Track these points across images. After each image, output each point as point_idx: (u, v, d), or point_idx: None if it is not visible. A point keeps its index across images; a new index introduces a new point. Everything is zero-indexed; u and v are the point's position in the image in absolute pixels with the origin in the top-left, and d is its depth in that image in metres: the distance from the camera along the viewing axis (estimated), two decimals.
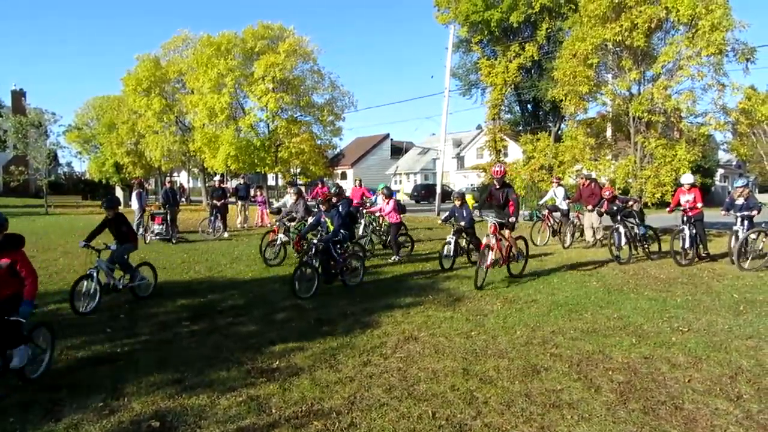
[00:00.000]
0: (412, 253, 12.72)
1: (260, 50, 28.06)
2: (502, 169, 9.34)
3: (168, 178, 20.36)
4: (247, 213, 19.61)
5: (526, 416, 4.06)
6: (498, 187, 9.39)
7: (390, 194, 13.30)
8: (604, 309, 7.29)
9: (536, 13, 25.62)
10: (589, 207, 13.72)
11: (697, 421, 3.97)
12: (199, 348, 5.69)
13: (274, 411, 4.17)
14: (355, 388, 4.59)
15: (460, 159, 60.20)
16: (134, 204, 16.29)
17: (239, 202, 19.57)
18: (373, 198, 16.24)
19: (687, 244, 11.13)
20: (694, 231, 11.21)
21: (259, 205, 20.81)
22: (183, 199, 47.85)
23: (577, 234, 14.59)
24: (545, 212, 15.02)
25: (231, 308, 7.46)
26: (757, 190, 61.32)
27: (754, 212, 10.75)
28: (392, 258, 11.59)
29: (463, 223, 10.80)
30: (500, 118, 32.27)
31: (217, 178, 19.54)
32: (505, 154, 34.83)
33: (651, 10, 14.34)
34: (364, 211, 15.94)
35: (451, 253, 10.67)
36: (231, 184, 37.82)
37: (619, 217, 11.76)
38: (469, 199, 24.42)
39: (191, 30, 34.20)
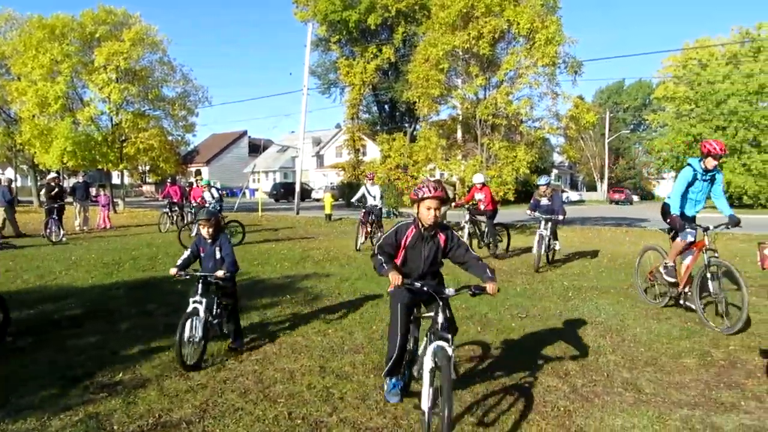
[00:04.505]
0: (270, 255, 12.50)
1: (101, 36, 25.84)
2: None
3: (3, 175, 17.99)
4: (87, 214, 17.95)
5: (380, 408, 4.16)
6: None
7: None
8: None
9: (393, 17, 26.52)
10: None
11: (533, 398, 4.35)
12: (28, 366, 5.09)
13: (116, 427, 3.86)
14: (208, 395, 4.40)
15: (319, 157, 60.41)
16: None
17: (77, 203, 17.82)
18: (204, 194, 14.85)
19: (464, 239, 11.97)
20: (485, 228, 11.96)
21: (102, 206, 19.19)
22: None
23: None
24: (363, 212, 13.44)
25: (66, 319, 6.77)
26: (585, 189, 68.74)
27: (560, 217, 10.43)
28: None
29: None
30: (359, 117, 32.97)
31: (52, 175, 17.68)
32: (364, 153, 35.57)
33: (495, 21, 15.48)
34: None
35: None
36: (68, 182, 34.49)
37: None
38: (328, 197, 24.63)
39: (17, 9, 30.63)
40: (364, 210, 13.35)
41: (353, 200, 14.28)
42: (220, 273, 5.18)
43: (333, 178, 51.68)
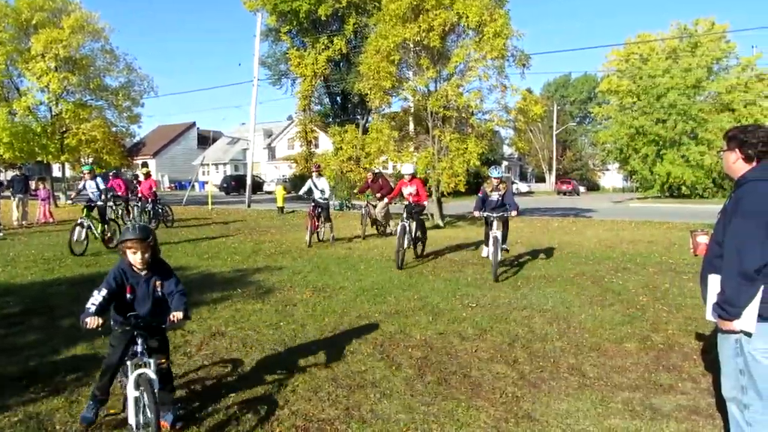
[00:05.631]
0: (221, 249, 12.30)
1: (39, 23, 24.63)
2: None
3: (20, 167, 16.78)
4: (26, 209, 17.18)
5: (332, 399, 4.17)
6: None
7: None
8: (406, 291, 7.79)
9: (344, 8, 26.37)
10: (378, 195, 14.27)
11: (482, 385, 4.44)
12: None
13: (58, 427, 3.73)
14: None
15: (271, 149, 59.62)
16: None
17: (16, 197, 17.03)
18: (86, 184, 12.22)
19: (405, 243, 9.79)
20: (414, 226, 10.23)
21: (42, 200, 18.38)
22: None
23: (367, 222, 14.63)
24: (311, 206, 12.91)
25: (4, 317, 6.47)
26: (534, 180, 70.32)
27: (513, 213, 9.13)
28: None
29: None
30: (311, 109, 32.71)
31: None
32: (316, 145, 35.29)
33: (445, 14, 15.57)
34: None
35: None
36: (5, 175, 32.92)
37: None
38: (280, 190, 24.36)
39: None
40: (312, 203, 12.90)
41: (300, 192, 13.98)
42: (178, 314, 3.40)
43: (285, 170, 51.11)
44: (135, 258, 3.48)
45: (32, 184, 20.03)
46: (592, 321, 6.23)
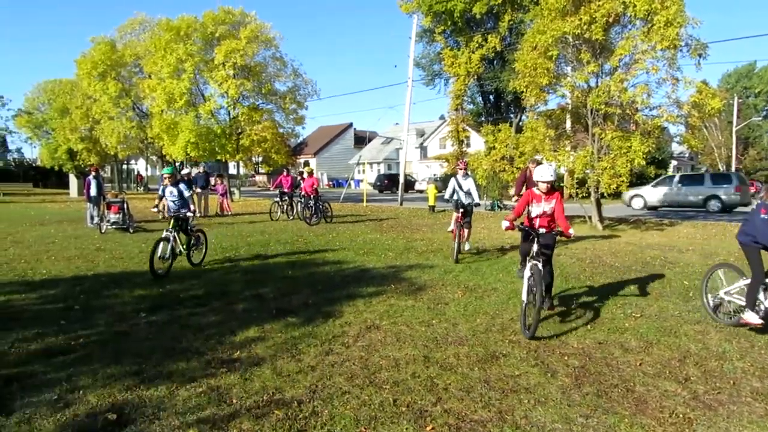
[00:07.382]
0: (375, 245, 12.76)
1: (221, 35, 27.54)
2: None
3: (202, 165, 19.84)
4: (207, 203, 19.32)
5: (485, 401, 4.14)
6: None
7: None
8: (561, 297, 7.48)
9: (499, 5, 25.94)
10: None
11: (648, 402, 4.12)
12: (158, 339, 5.60)
13: (234, 401, 4.14)
14: (317, 377, 4.59)
15: (423, 149, 60.51)
16: (91, 191, 15.92)
17: (198, 191, 19.24)
18: (167, 190, 9.85)
19: (538, 297, 5.61)
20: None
21: (220, 195, 20.52)
22: (141, 188, 46.74)
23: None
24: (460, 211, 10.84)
25: (190, 298, 7.35)
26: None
27: None
28: None
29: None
30: (463, 108, 32.61)
31: (185, 171, 19.27)
32: (468, 145, 35.13)
33: (609, 4, 14.62)
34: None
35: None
36: (191, 172, 37.21)
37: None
38: (431, 189, 24.66)
39: (148, 13, 33.42)
40: (460, 209, 10.80)
41: (446, 196, 11.47)
42: None
43: (436, 169, 51.55)
44: None
45: (212, 180, 22.45)
46: None
